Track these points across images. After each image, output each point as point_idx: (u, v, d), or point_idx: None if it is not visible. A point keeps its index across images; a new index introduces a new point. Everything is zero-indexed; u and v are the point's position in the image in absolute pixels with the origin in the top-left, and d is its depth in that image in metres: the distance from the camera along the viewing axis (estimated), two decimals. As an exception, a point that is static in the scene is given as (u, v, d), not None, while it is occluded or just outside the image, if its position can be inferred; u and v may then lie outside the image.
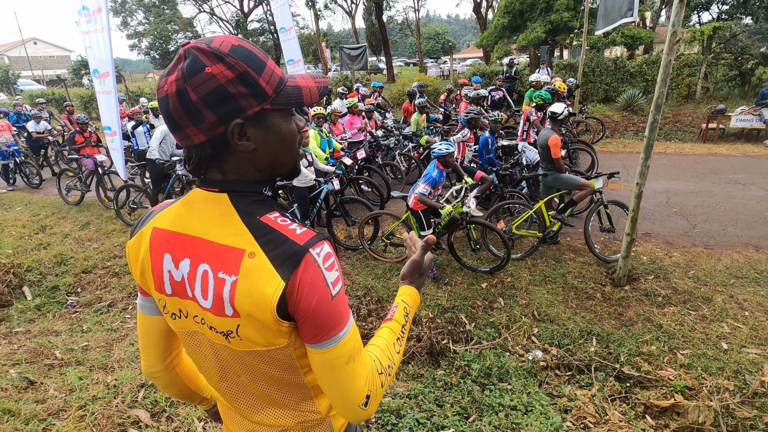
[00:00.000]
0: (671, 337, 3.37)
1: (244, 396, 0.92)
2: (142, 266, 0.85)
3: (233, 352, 0.82)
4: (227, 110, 0.72)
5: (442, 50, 48.63)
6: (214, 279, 0.75)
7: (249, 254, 0.73)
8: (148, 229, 0.85)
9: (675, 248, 4.84)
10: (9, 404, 2.29)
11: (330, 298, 0.74)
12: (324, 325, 0.75)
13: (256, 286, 0.72)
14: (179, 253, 0.80)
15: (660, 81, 3.42)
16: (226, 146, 0.75)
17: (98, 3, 5.64)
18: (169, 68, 0.73)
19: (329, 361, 0.77)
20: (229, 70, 0.70)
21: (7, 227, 6.56)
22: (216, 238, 0.76)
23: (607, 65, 12.97)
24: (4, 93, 25.03)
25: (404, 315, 0.97)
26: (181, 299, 0.82)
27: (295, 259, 0.72)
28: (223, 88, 0.70)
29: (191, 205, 0.81)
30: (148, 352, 0.99)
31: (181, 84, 0.70)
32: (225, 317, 0.76)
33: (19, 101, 11.75)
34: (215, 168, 0.78)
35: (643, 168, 3.72)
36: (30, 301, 4.44)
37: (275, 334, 0.76)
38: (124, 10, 26.65)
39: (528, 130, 5.97)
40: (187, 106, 0.71)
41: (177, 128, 0.74)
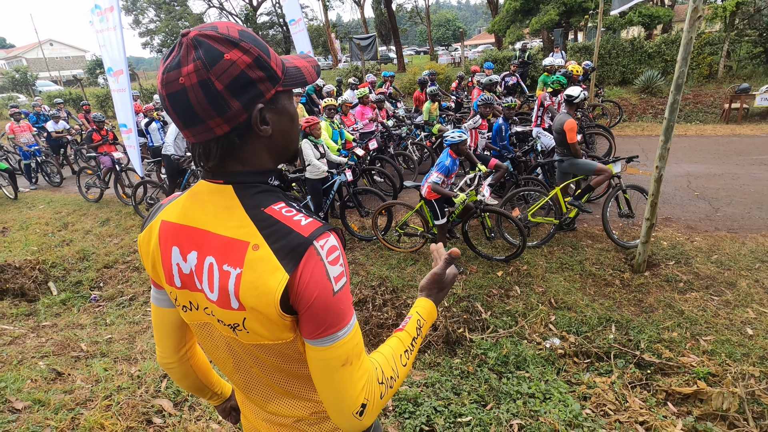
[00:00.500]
0: (693, 323, 3.30)
1: (257, 387, 0.91)
2: (152, 259, 0.85)
3: (242, 345, 0.81)
4: (250, 96, 0.71)
5: (452, 37, 47.90)
6: (219, 272, 0.74)
7: (253, 246, 0.72)
8: (157, 223, 0.84)
9: (697, 233, 4.72)
10: (39, 394, 2.38)
11: (331, 294, 0.72)
12: (322, 321, 0.73)
13: (260, 279, 0.71)
14: (186, 246, 0.79)
15: (680, 59, 3.30)
16: (246, 135, 0.74)
17: (110, 1, 5.70)
18: (174, 59, 0.69)
19: (325, 361, 0.75)
20: (246, 55, 0.69)
21: (31, 225, 6.75)
22: (220, 231, 0.75)
23: (623, 46, 12.59)
24: (24, 94, 25.64)
25: (417, 328, 0.92)
26: (191, 292, 0.81)
27: (298, 251, 0.71)
28: (244, 74, 0.69)
29: (197, 197, 0.80)
30: (163, 344, 1.00)
31: (203, 74, 0.67)
32: (231, 310, 0.75)
33: (38, 102, 12.02)
34: (234, 159, 0.77)
35: (663, 151, 3.61)
36: (55, 296, 4.57)
37: (281, 329, 0.75)
38: (135, 8, 26.92)
39: (542, 115, 5.85)
40: (213, 96, 0.68)
41: (196, 122, 0.70)
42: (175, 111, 0.71)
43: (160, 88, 0.70)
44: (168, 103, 0.70)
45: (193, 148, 0.77)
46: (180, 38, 0.70)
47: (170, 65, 0.68)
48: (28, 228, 6.64)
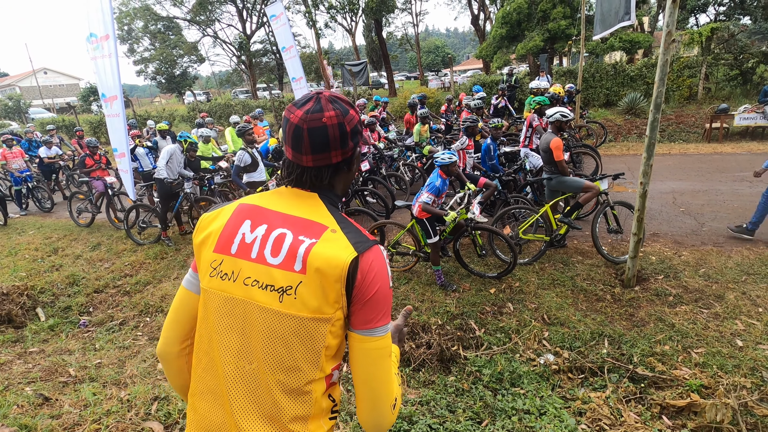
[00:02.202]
0: (684, 336, 3.33)
1: (242, 391, 0.91)
2: (208, 233, 0.98)
3: (271, 319, 0.87)
4: (355, 141, 0.99)
5: (442, 63, 49.17)
6: (293, 239, 0.89)
7: (331, 230, 0.91)
8: (233, 206, 1.00)
9: (684, 247, 4.80)
10: (26, 420, 2.32)
11: (388, 287, 0.90)
12: (379, 311, 0.88)
13: (332, 250, 0.87)
14: (259, 221, 0.95)
15: (658, 80, 3.46)
16: (343, 168, 1.01)
17: (106, 30, 5.83)
18: (316, 106, 0.93)
19: (376, 350, 0.88)
20: (357, 115, 0.99)
21: (20, 251, 6.68)
22: (304, 215, 0.94)
23: (606, 70, 13.04)
24: (17, 122, 25.69)
25: (397, 360, 1.09)
26: (240, 259, 0.92)
27: (367, 244, 0.90)
28: (356, 126, 0.98)
29: (281, 194, 1.00)
30: (170, 330, 1.04)
31: (341, 118, 0.94)
32: (291, 272, 0.88)
33: (30, 129, 12.06)
34: (330, 183, 1.01)
35: (646, 167, 3.73)
36: (43, 322, 4.49)
37: (328, 300, 0.86)
38: (130, 37, 27.35)
39: (531, 136, 6.01)
40: (343, 134, 0.95)
41: (325, 150, 0.94)
42: (312, 140, 0.93)
43: (300, 122, 0.92)
44: (306, 134, 0.92)
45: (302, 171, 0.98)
46: (316, 95, 0.96)
47: (312, 109, 0.93)
48: (17, 254, 6.56)
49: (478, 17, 25.72)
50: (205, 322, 0.98)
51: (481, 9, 26.12)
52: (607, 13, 7.20)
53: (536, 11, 15.27)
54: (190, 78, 31.63)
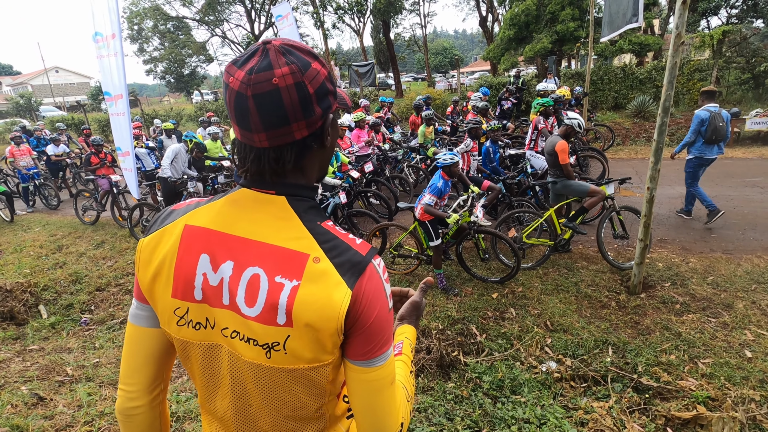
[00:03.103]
0: (691, 345, 3.25)
1: (247, 427, 0.82)
2: (158, 268, 0.75)
3: (262, 372, 0.73)
4: (326, 105, 0.73)
5: (449, 64, 49.09)
6: (269, 283, 0.70)
7: (314, 259, 0.69)
8: (176, 227, 0.76)
9: (692, 254, 4.71)
10: (18, 420, 2.30)
11: (387, 310, 0.72)
12: (378, 340, 0.72)
13: (322, 292, 0.68)
14: (222, 255, 0.72)
15: (666, 83, 3.38)
16: (313, 145, 0.75)
17: (112, 29, 5.85)
18: (262, 62, 0.68)
19: (375, 382, 0.73)
20: (324, 69, 0.72)
21: (25, 248, 6.72)
22: (274, 241, 0.71)
23: (615, 73, 12.90)
24: (27, 119, 26.02)
25: (411, 351, 0.93)
26: (212, 307, 0.74)
27: (359, 268, 0.70)
28: (324, 84, 0.72)
29: (238, 204, 0.75)
30: (134, 377, 0.83)
31: (298, 77, 0.68)
32: (275, 326, 0.69)
33: (39, 126, 12.18)
34: (298, 169, 0.76)
35: (654, 172, 3.65)
36: (45, 319, 4.50)
37: (325, 349, 0.71)
38: (140, 37, 27.61)
39: (536, 138, 5.94)
40: (304, 99, 0.69)
41: (282, 123, 0.69)
42: (261, 111, 0.68)
43: (243, 88, 0.67)
44: (253, 103, 0.67)
45: (257, 156, 0.73)
46: (263, 45, 0.70)
47: (258, 67, 0.67)
48: (22, 251, 6.60)
49: (486, 19, 25.64)
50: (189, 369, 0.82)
51: (490, 11, 26.04)
52: (615, 15, 7.11)
53: (545, 13, 15.17)
54: (199, 77, 31.86)
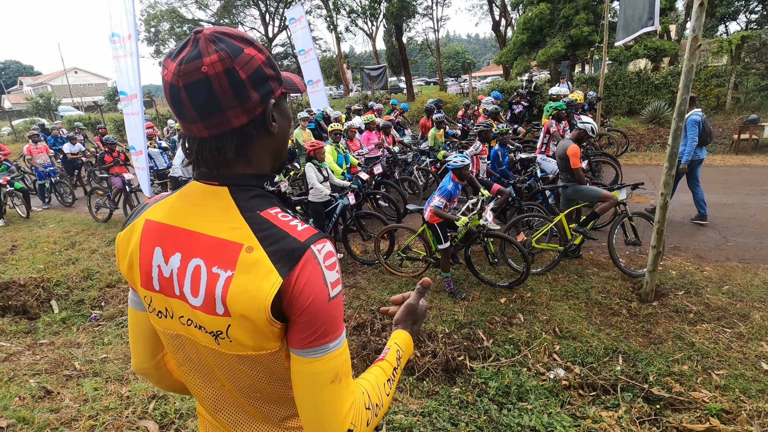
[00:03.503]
0: (705, 356, 3.16)
1: (226, 408, 0.86)
2: (130, 260, 0.81)
3: (220, 357, 0.76)
4: (266, 90, 0.73)
5: (462, 69, 49.02)
6: (208, 274, 0.71)
7: (247, 248, 0.70)
8: (141, 221, 0.81)
9: (707, 262, 4.60)
10: (25, 413, 2.33)
11: (327, 299, 0.70)
12: (316, 329, 0.70)
13: (252, 283, 0.68)
14: (171, 247, 0.76)
15: (682, 87, 3.31)
16: (256, 131, 0.75)
17: (128, 30, 5.95)
18: (192, 52, 0.69)
19: (312, 375, 0.71)
20: (261, 54, 0.73)
21: (40, 243, 6.85)
22: (213, 232, 0.73)
23: (630, 78, 12.73)
24: (46, 119, 26.59)
25: (396, 358, 0.89)
26: (167, 297, 0.77)
27: (295, 255, 0.69)
28: (261, 69, 0.72)
29: (188, 198, 0.78)
30: (138, 349, 0.94)
31: (228, 63, 0.68)
32: (216, 316, 0.71)
33: (57, 125, 12.44)
34: (243, 158, 0.76)
35: (668, 177, 3.57)
36: (56, 314, 4.57)
37: (267, 337, 0.71)
38: (157, 39, 28.07)
39: (548, 142, 5.87)
40: (237, 85, 0.69)
41: (216, 112, 0.70)
42: (193, 101, 0.69)
43: (174, 79, 0.69)
44: (185, 93, 0.69)
45: (199, 146, 0.74)
46: (194, 35, 0.71)
47: (188, 57, 0.68)
48: (36, 246, 6.73)
49: (500, 23, 25.55)
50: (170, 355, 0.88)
51: (503, 15, 25.95)
52: (630, 19, 7.02)
53: (558, 17, 15.05)
54: (213, 79, 32.24)
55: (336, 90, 32.67)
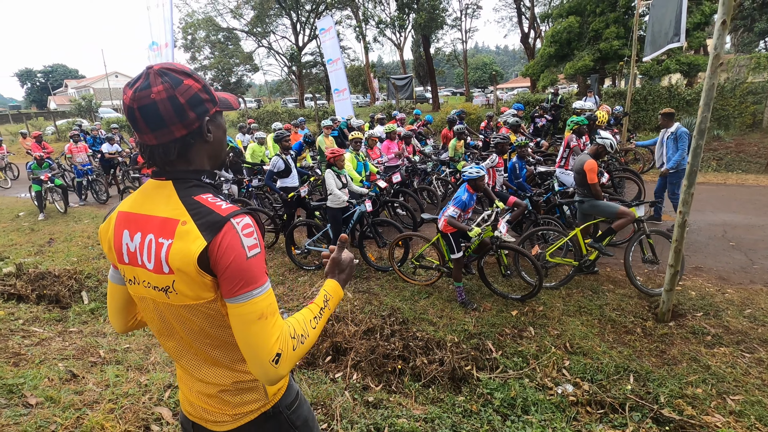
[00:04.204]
0: (721, 380, 3.08)
1: (186, 354, 1.07)
2: (109, 242, 1.07)
3: (172, 309, 0.99)
4: (201, 110, 0.98)
5: (489, 80, 48.81)
6: (156, 244, 0.96)
7: (182, 222, 0.94)
8: (115, 213, 1.07)
9: (729, 284, 4.46)
10: (52, 392, 2.51)
11: (245, 258, 0.91)
12: (238, 281, 0.91)
13: (184, 246, 0.92)
14: (134, 229, 1.01)
15: (703, 105, 3.28)
16: (194, 140, 1.00)
17: (166, 38, 6.30)
18: (144, 83, 0.93)
19: (242, 316, 0.91)
20: (197, 83, 0.98)
21: (75, 237, 7.24)
22: (159, 213, 0.98)
23: (660, 93, 12.44)
24: (87, 120, 28.01)
25: (324, 299, 1.12)
26: (134, 267, 1.01)
27: (217, 225, 0.92)
28: (197, 95, 0.97)
29: (145, 191, 1.04)
30: (113, 317, 1.21)
31: (171, 92, 0.93)
32: (164, 275, 0.95)
33: (96, 126, 13.11)
34: (184, 159, 1.01)
35: (687, 196, 3.52)
36: (86, 304, 4.82)
37: (201, 288, 0.94)
38: (193, 46, 29.24)
39: (567, 156, 5.83)
40: (177, 108, 0.94)
41: (162, 126, 0.94)
42: (144, 119, 0.93)
43: (131, 102, 0.93)
44: (139, 114, 0.93)
45: (151, 151, 0.98)
46: (146, 70, 0.95)
47: (141, 86, 0.93)
48: (71, 240, 7.11)
49: (528, 35, 25.43)
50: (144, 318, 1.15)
51: (532, 27, 25.82)
52: (657, 34, 6.91)
53: (588, 31, 14.89)
54: (245, 85, 33.26)
55: (362, 98, 33.11)
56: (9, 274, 5.08)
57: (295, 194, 5.74)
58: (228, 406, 1.08)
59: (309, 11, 26.90)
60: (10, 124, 32.17)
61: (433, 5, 17.96)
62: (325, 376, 3.22)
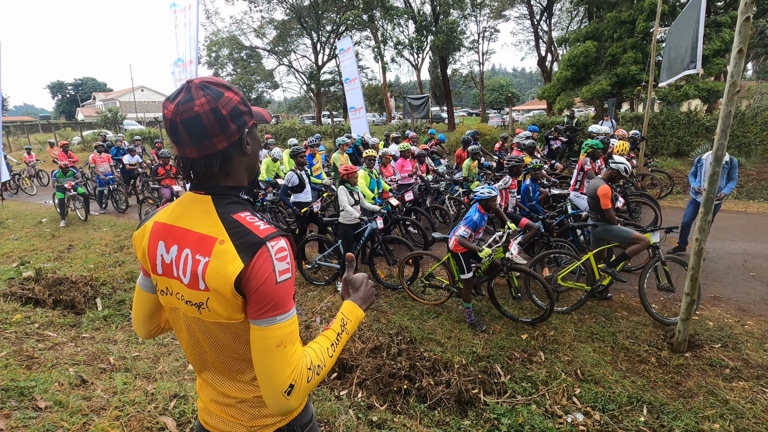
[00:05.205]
0: (739, 415, 2.96)
1: (210, 367, 1.09)
2: (143, 251, 1.08)
3: (203, 324, 1.00)
4: (241, 122, 0.99)
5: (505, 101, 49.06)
6: (193, 260, 0.97)
7: (219, 241, 0.94)
8: (151, 223, 1.08)
9: (750, 316, 4.31)
10: (61, 397, 2.55)
11: (274, 282, 0.92)
12: (265, 304, 0.91)
13: (222, 266, 0.92)
14: (170, 241, 1.02)
15: (719, 132, 3.25)
16: (234, 153, 1.00)
17: (191, 55, 6.54)
18: (186, 96, 0.94)
19: (262, 340, 0.92)
20: (236, 96, 0.99)
21: (93, 245, 7.42)
22: (198, 228, 0.98)
23: (678, 118, 12.32)
24: (111, 131, 28.99)
25: (341, 325, 1.11)
26: (168, 278, 1.03)
27: (254, 247, 0.92)
28: (237, 107, 0.98)
29: (183, 203, 1.05)
30: (137, 323, 1.22)
31: (213, 104, 0.94)
32: (198, 291, 0.96)
33: (120, 138, 13.55)
34: (224, 173, 1.02)
35: (704, 223, 3.46)
36: (100, 311, 4.91)
37: (234, 309, 0.95)
38: (216, 63, 30.25)
39: (582, 180, 5.79)
40: (220, 119, 0.95)
41: (205, 138, 0.95)
42: (188, 131, 0.94)
43: (173, 116, 0.94)
44: (181, 126, 0.94)
45: (192, 164, 0.99)
46: (187, 84, 0.97)
47: (183, 100, 0.94)
48: (90, 247, 7.29)
49: (545, 58, 25.61)
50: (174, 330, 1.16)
51: (549, 50, 26.01)
52: (673, 61, 6.90)
53: (605, 55, 14.94)
54: (264, 102, 34.13)
55: (379, 117, 33.57)
56: (28, 279, 5.21)
57: (308, 209, 5.81)
58: (245, 416, 1.08)
59: (330, 32, 27.65)
60: (40, 133, 33.46)
61: (451, 28, 18.29)
62: (330, 392, 3.20)
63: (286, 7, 26.75)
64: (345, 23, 24.36)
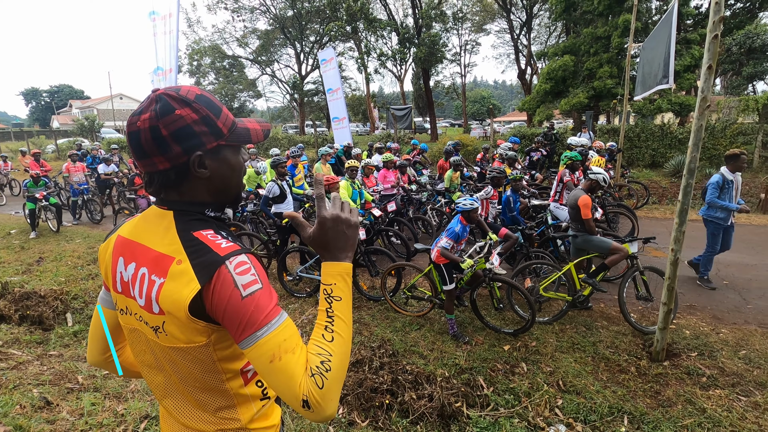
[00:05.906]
0: (716, 424, 3.00)
1: (172, 394, 1.00)
2: (105, 266, 1.02)
3: (162, 349, 0.92)
4: (190, 144, 0.89)
5: (486, 113, 49.91)
6: (148, 280, 0.89)
7: (177, 261, 0.86)
8: (114, 236, 1.01)
9: (724, 324, 4.41)
10: (22, 421, 2.40)
11: (240, 299, 0.83)
12: (238, 324, 0.83)
13: (176, 288, 0.85)
14: (129, 258, 0.95)
15: (692, 145, 3.34)
16: (186, 173, 0.91)
17: (170, 64, 6.44)
18: (140, 108, 0.89)
19: (255, 361, 0.84)
20: (195, 114, 0.89)
21: (65, 257, 7.14)
22: (155, 246, 0.91)
23: (653, 131, 12.73)
24: (88, 140, 28.27)
25: (325, 298, 0.93)
26: (126, 297, 0.96)
27: (212, 267, 0.84)
28: (189, 127, 0.88)
29: (146, 218, 0.98)
30: (92, 343, 1.13)
31: (153, 121, 0.86)
32: (153, 314, 0.89)
33: (97, 146, 13.21)
34: (174, 190, 0.93)
35: (678, 233, 3.53)
36: (70, 327, 4.70)
37: (193, 332, 0.87)
38: (198, 71, 29.95)
39: (561, 191, 5.89)
40: (158, 139, 0.87)
41: (144, 156, 0.89)
42: (131, 145, 0.90)
43: (126, 126, 0.90)
44: (128, 139, 0.90)
45: (149, 177, 0.94)
46: (151, 93, 0.90)
47: (136, 111, 0.89)
48: (61, 259, 7.02)
49: (525, 72, 26.22)
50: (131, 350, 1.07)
51: (528, 64, 26.65)
52: (647, 76, 7.14)
53: (582, 69, 15.37)
54: (247, 111, 33.86)
55: (362, 127, 33.69)
56: (-7, 293, 4.97)
57: (288, 222, 5.73)
58: None
59: (313, 42, 27.74)
60: (12, 141, 32.41)
61: (433, 41, 18.55)
62: (310, 409, 3.11)
63: (269, 18, 26.76)
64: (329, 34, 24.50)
